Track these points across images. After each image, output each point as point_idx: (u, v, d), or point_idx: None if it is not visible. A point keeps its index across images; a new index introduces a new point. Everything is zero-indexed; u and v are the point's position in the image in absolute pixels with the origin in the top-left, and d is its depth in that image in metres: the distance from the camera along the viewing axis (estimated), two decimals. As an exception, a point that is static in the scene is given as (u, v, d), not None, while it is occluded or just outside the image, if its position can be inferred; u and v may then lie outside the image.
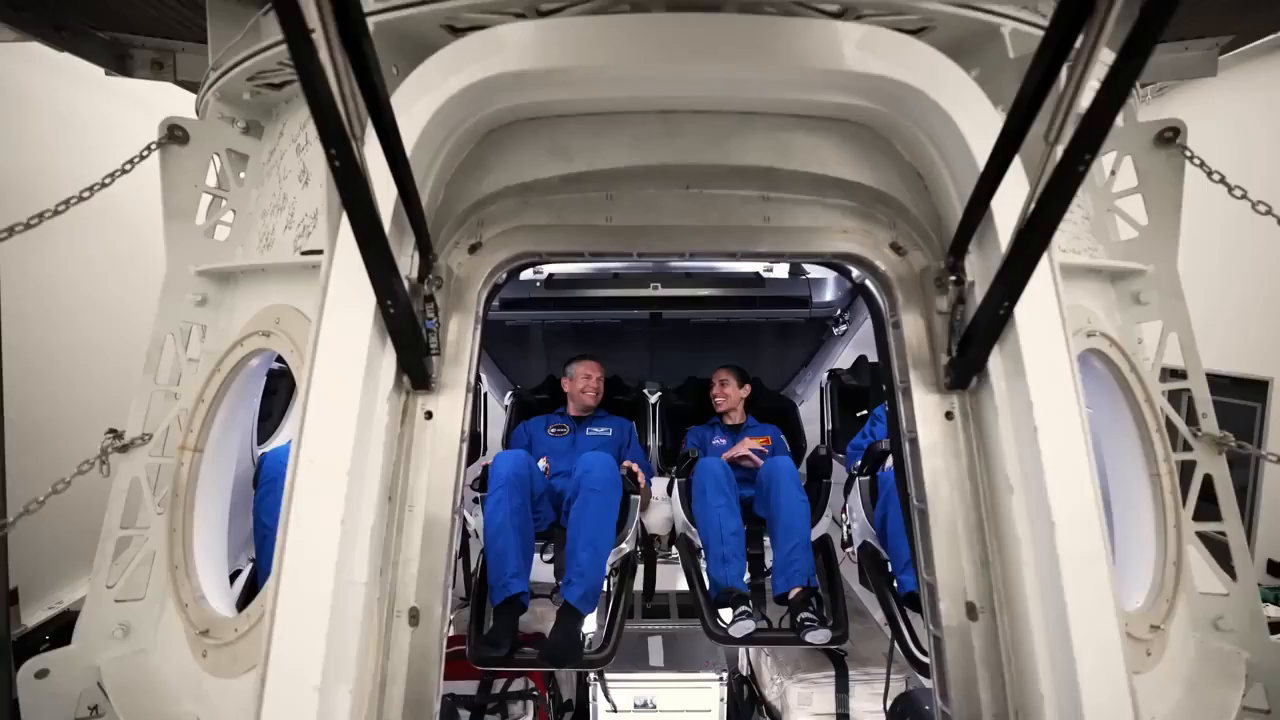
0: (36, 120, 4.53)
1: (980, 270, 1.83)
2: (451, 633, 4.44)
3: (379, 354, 1.77)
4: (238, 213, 2.55)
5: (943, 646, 1.88)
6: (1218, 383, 2.95)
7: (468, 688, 3.73)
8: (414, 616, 1.87)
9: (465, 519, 3.78)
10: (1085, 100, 1.24)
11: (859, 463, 3.56)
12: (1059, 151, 1.34)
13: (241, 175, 2.56)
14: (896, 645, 2.95)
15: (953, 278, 1.85)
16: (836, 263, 2.31)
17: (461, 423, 1.95)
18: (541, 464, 3.88)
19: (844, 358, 4.69)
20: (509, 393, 4.56)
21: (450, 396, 1.96)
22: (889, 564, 3.30)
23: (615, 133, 1.95)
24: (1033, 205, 1.47)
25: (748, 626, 3.13)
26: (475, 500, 3.68)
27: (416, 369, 1.85)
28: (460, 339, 1.99)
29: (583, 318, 4.35)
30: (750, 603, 3.27)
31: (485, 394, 4.27)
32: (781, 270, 4.37)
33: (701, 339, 4.74)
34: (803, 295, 4.24)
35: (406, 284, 1.82)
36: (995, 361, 1.80)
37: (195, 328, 2.49)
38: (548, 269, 4.34)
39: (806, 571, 3.27)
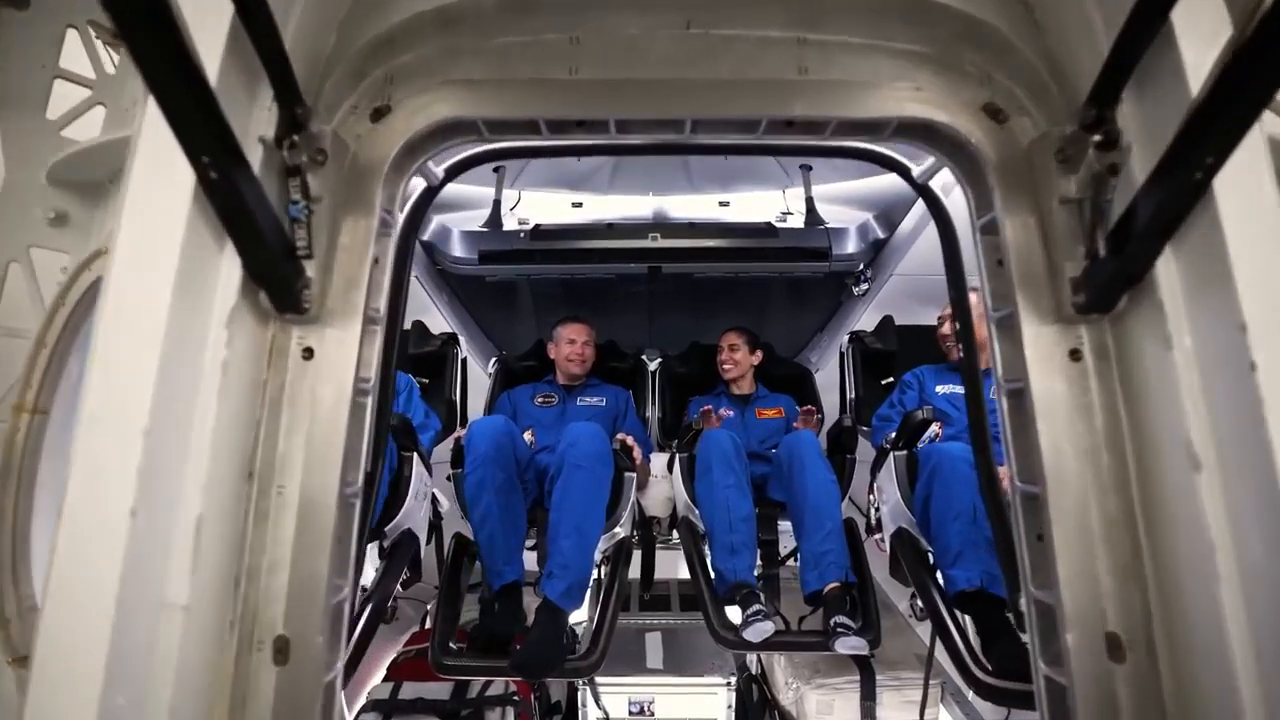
0: None
1: (1144, 127, 1.10)
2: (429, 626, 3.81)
3: (208, 252, 1.07)
4: (109, 108, 1.85)
5: (1070, 699, 1.18)
6: None
7: (439, 690, 3.08)
8: (282, 649, 1.19)
9: (436, 497, 3.10)
10: None
11: (892, 435, 2.85)
12: None
13: (115, 60, 1.86)
14: (954, 667, 2.24)
15: (1096, 139, 1.12)
16: (886, 156, 1.60)
17: (357, 365, 1.26)
18: (526, 437, 3.20)
19: (865, 321, 3.96)
20: (493, 359, 3.87)
21: (341, 328, 1.26)
22: (930, 555, 2.61)
23: (579, -71, 1.23)
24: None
25: (765, 629, 2.45)
26: (447, 478, 3.02)
27: (276, 280, 1.15)
28: (357, 246, 1.28)
29: (574, 272, 3.64)
30: (763, 598, 2.60)
31: (464, 360, 3.57)
32: (797, 220, 3.65)
33: (706, 300, 4.03)
34: (821, 246, 3.50)
35: (260, 149, 1.12)
36: (1166, 265, 1.08)
37: (53, 255, 1.80)
38: (534, 219, 3.63)
39: (843, 564, 2.59)
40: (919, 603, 3.43)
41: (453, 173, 1.60)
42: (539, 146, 1.61)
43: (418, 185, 1.64)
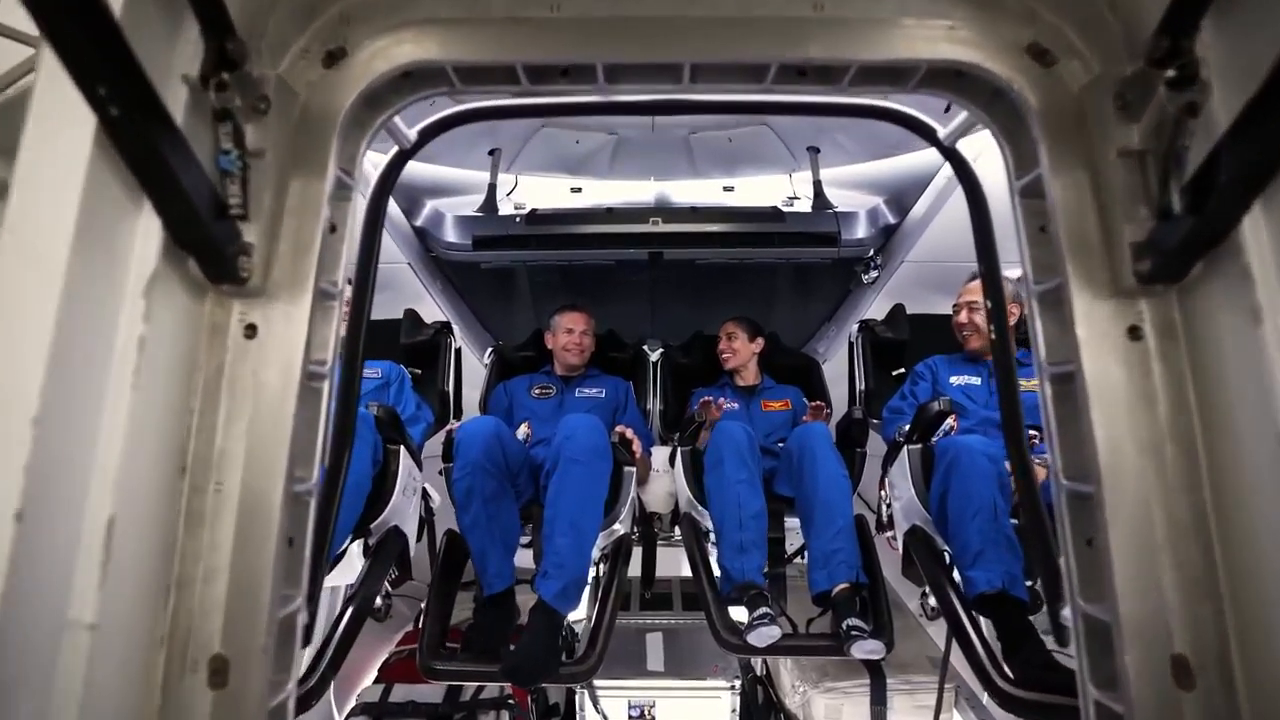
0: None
1: (1230, 59, 0.91)
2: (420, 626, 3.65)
3: (118, 209, 0.90)
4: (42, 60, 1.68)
5: (1127, 730, 1.01)
6: None
7: (432, 693, 2.92)
8: (219, 670, 1.02)
9: (427, 492, 2.94)
10: None
11: (905, 428, 2.66)
12: None
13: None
14: (974, 675, 2.07)
15: (1169, 74, 0.94)
16: (909, 116, 1.42)
17: (307, 345, 1.09)
18: (522, 430, 3.04)
19: (874, 310, 3.77)
20: (489, 349, 3.70)
21: (289, 303, 1.08)
22: (947, 554, 2.43)
23: None
24: None
25: (770, 634, 2.28)
26: (440, 472, 2.86)
27: (206, 245, 0.98)
28: (308, 209, 1.11)
29: (572, 258, 3.46)
30: (770, 601, 2.42)
31: (459, 350, 3.40)
32: (804, 204, 3.46)
33: (709, 288, 3.85)
34: (830, 231, 3.31)
35: (183, 90, 0.95)
36: (1254, 224, 0.90)
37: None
38: (531, 204, 3.46)
39: (854, 564, 2.42)
40: (930, 602, 3.25)
41: (427, 135, 1.42)
42: (521, 105, 1.43)
43: (388, 149, 1.46)
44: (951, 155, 1.44)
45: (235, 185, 0.98)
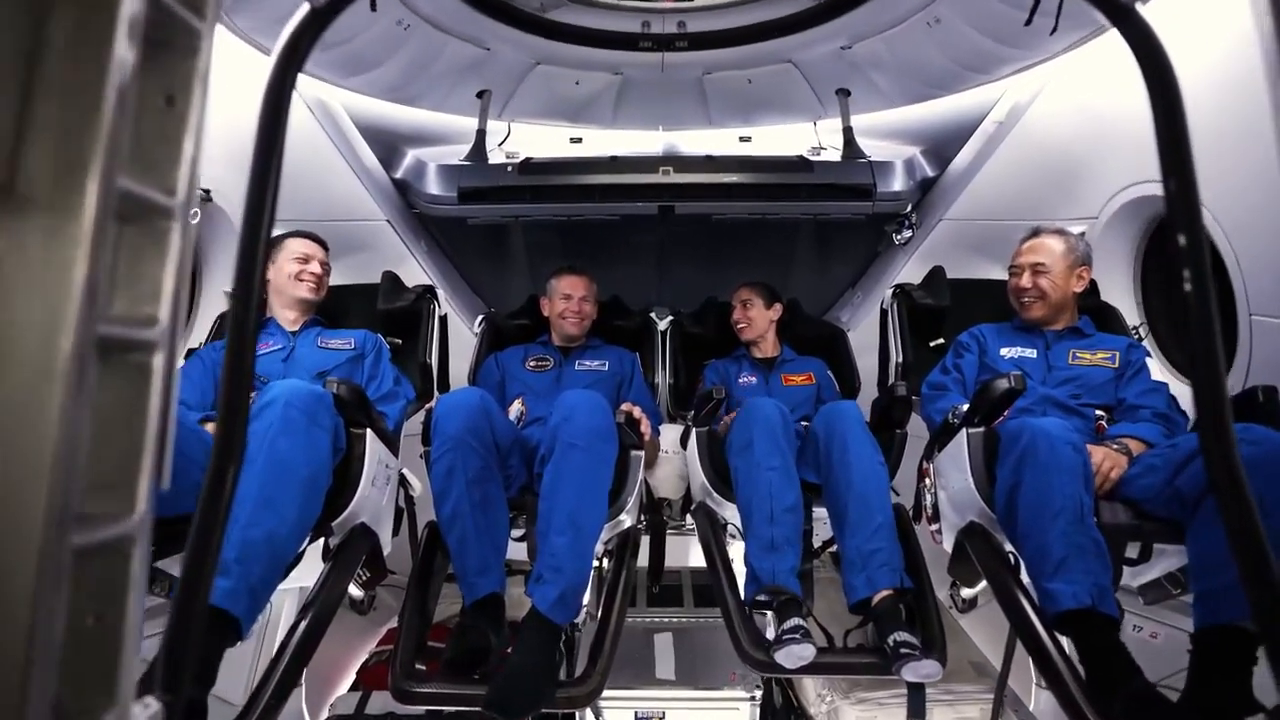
0: None
1: None
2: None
3: None
4: None
5: None
6: None
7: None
8: None
9: (405, 479, 2.48)
10: None
11: (960, 407, 2.18)
12: None
13: None
14: (1064, 710, 1.62)
15: None
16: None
17: (90, 290, 0.59)
18: (515, 408, 2.58)
19: (905, 274, 3.27)
20: (479, 317, 3.20)
21: (56, 216, 0.59)
22: (1014, 556, 1.97)
23: None
24: None
25: (804, 654, 1.84)
26: (421, 456, 2.40)
27: None
28: (86, 55, 0.61)
29: (571, 213, 2.94)
30: (801, 609, 1.98)
31: (445, 317, 2.90)
32: (834, 153, 2.95)
33: (723, 249, 3.35)
34: (864, 183, 2.80)
35: None
36: None
37: None
38: (524, 153, 2.94)
39: (896, 565, 2.00)
40: (962, 594, 2.80)
41: (349, -12, 0.91)
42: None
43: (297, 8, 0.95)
44: (1127, 21, 0.92)
45: None
